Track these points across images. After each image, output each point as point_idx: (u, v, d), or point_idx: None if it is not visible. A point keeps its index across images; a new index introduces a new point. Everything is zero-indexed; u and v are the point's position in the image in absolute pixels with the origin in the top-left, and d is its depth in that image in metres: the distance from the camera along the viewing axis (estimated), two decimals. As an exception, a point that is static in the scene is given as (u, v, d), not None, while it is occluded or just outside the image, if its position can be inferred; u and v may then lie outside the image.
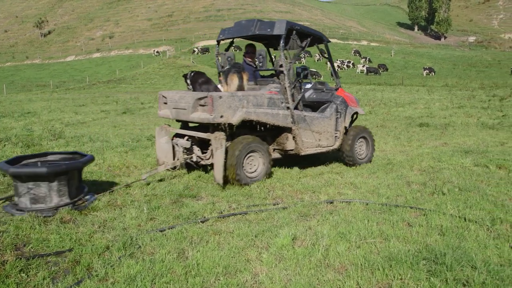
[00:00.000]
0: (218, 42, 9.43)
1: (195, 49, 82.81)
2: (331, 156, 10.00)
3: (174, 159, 8.45)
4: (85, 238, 5.04)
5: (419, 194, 6.83)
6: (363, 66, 66.17)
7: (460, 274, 3.99)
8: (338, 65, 67.49)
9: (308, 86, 9.71)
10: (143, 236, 5.01)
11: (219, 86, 8.84)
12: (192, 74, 8.67)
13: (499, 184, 7.25)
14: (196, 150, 8.40)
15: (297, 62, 41.83)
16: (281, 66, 8.29)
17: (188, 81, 8.62)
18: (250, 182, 7.61)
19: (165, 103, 8.46)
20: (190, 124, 8.74)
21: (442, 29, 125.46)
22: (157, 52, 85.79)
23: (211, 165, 8.04)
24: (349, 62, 70.97)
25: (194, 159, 8.41)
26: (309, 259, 4.42)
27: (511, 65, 73.39)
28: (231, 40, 9.46)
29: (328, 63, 10.06)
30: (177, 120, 8.48)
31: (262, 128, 8.19)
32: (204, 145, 8.42)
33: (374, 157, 9.92)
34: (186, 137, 8.45)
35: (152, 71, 67.38)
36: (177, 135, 8.68)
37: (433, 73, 61.68)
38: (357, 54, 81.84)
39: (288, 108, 8.27)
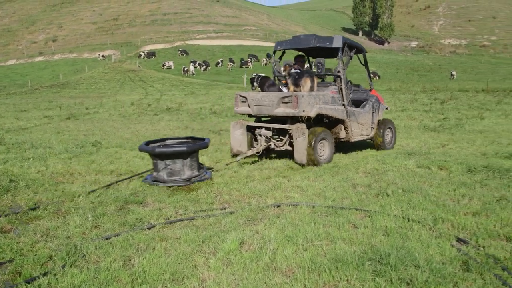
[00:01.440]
0: (274, 52, 11.77)
1: (141, 53, 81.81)
2: (281, 157, 10.08)
3: (248, 148, 10.62)
4: (27, 248, 4.90)
5: (364, 196, 6.96)
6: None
7: (404, 274, 4.09)
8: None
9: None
10: (87, 244, 4.91)
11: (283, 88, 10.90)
12: (259, 78, 10.98)
13: (440, 184, 7.46)
14: (273, 139, 10.50)
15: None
16: (338, 71, 10.41)
17: (255, 84, 11.01)
18: (321, 163, 9.63)
19: (243, 102, 10.53)
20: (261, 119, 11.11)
21: (386, 34, 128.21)
22: (102, 56, 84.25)
23: (284, 150, 10.59)
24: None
25: (272, 146, 10.50)
26: (256, 263, 4.43)
27: (451, 69, 75.90)
28: (283, 50, 11.63)
29: (365, 69, 12.28)
30: (251, 116, 10.70)
31: (326, 120, 10.44)
32: (277, 135, 10.53)
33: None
34: (264, 129, 10.48)
35: (97, 76, 66.07)
36: (253, 127, 10.75)
37: (378, 77, 62.98)
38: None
39: (343, 104, 10.44)
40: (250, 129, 10.77)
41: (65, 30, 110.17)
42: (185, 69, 64.86)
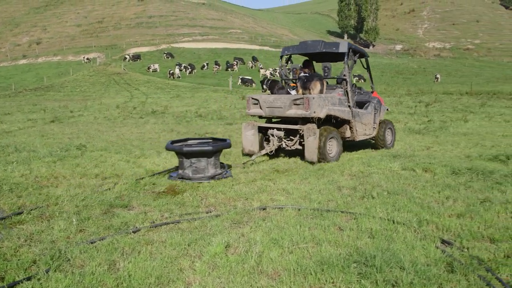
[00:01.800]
0: (281, 57, 12.33)
1: (127, 56, 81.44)
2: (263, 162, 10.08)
3: (259, 147, 11.24)
4: (10, 252, 4.85)
5: (349, 198, 6.98)
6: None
7: (390, 275, 4.11)
8: (270, 73, 68.10)
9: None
10: (72, 248, 4.88)
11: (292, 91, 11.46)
12: (269, 81, 11.78)
13: (425, 187, 7.51)
14: (284, 139, 11.04)
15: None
16: (344, 75, 11.13)
17: (265, 86, 11.77)
18: (330, 161, 10.22)
19: (255, 104, 11.13)
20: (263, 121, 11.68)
21: (371, 38, 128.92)
22: (87, 59, 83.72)
23: (295, 150, 11.12)
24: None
25: (283, 145, 11.07)
26: (242, 266, 4.43)
27: (436, 72, 76.52)
28: (289, 55, 12.54)
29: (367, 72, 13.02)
30: (262, 117, 11.34)
31: (334, 121, 10.95)
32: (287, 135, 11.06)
33: (306, 163, 10.14)
34: (275, 129, 11.03)
35: (82, 79, 65.62)
36: (263, 128, 11.31)
37: (363, 80, 63.27)
38: (289, 61, 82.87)
39: (349, 106, 11.08)
40: (261, 130, 11.36)
41: (49, 33, 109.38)
42: (171, 72, 64.67)
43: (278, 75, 69.09)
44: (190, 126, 19.03)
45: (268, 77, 11.18)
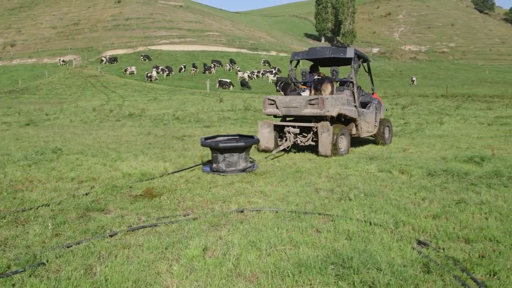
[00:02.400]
0: (291, 61, 13.43)
1: (103, 59, 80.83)
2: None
3: (275, 144, 12.18)
4: (-16, 258, 4.77)
5: (327, 200, 7.01)
6: (274, 76, 67.26)
7: (367, 277, 4.14)
8: (248, 75, 68.19)
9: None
10: (47, 253, 4.80)
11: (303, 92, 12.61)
12: (282, 83, 12.99)
13: (401, 188, 7.59)
14: (299, 136, 12.04)
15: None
16: (351, 78, 12.32)
17: (278, 88, 13.07)
18: (341, 154, 11.31)
19: (271, 104, 12.18)
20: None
21: (348, 41, 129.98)
22: (63, 61, 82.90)
23: (308, 146, 12.16)
24: (275, 69, 72.64)
25: (298, 142, 12.04)
26: (220, 269, 4.42)
27: (412, 75, 77.43)
28: (298, 60, 13.36)
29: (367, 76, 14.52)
30: (277, 116, 12.64)
31: (343, 119, 12.14)
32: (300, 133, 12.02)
33: (284, 165, 10.14)
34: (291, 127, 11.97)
35: (58, 81, 64.99)
36: (277, 126, 12.34)
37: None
38: (267, 64, 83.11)
39: (355, 106, 12.26)
40: (275, 128, 12.36)
41: (24, 35, 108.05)
42: (149, 74, 64.38)
43: (256, 77, 69.29)
44: (168, 129, 18.95)
45: (277, 79, 12.75)
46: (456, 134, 16.12)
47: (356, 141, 13.66)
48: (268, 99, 12.31)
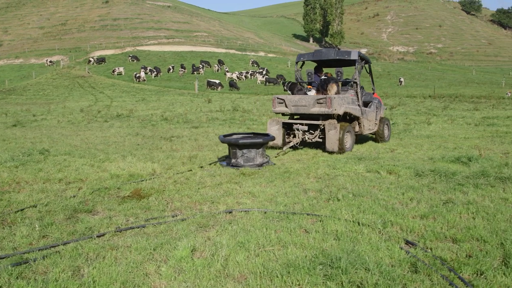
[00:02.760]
0: (297, 62, 14.05)
1: (91, 59, 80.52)
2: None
3: (283, 140, 12.74)
4: (-30, 260, 4.73)
5: (315, 201, 7.03)
6: (263, 76, 67.33)
7: (355, 277, 4.15)
8: (237, 76, 68.22)
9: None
10: (35, 254, 4.77)
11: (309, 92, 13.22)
12: (290, 84, 14.00)
13: (389, 188, 7.63)
14: (307, 133, 12.68)
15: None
16: (355, 78, 13.12)
17: (286, 88, 13.82)
18: (346, 151, 12.04)
19: (280, 103, 12.78)
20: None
21: (336, 41, 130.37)
22: (50, 61, 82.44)
23: (315, 142, 12.80)
24: (262, 69, 72.68)
25: (306, 138, 12.63)
26: (208, 270, 4.41)
27: (400, 76, 77.80)
28: (303, 61, 13.94)
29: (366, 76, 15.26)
30: (285, 114, 13.20)
31: (348, 117, 12.83)
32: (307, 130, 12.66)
33: (272, 167, 10.13)
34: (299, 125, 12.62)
35: (45, 82, 64.58)
36: (288, 124, 12.92)
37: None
38: (255, 65, 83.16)
39: (358, 105, 12.95)
40: (283, 125, 12.90)
41: (11, 35, 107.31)
42: (137, 75, 64.18)
43: (244, 78, 69.32)
44: (156, 130, 18.88)
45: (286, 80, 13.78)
46: (443, 134, 16.20)
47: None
48: (278, 98, 12.91)
